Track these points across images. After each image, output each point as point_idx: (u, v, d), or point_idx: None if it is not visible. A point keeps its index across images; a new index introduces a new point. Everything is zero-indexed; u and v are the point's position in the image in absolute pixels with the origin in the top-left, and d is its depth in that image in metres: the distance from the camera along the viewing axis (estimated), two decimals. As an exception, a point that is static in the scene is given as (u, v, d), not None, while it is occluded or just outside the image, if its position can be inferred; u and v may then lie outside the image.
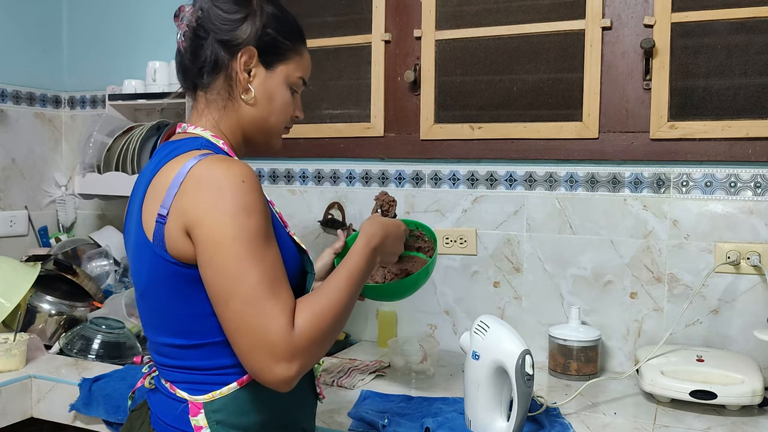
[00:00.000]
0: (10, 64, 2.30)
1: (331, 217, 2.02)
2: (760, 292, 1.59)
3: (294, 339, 0.94)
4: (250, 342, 0.93)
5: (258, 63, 1.10)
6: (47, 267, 1.86)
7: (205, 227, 0.94)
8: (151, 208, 1.00)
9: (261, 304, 0.93)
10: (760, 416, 1.38)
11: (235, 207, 0.94)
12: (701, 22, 1.62)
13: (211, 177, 0.96)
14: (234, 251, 0.93)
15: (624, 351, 1.71)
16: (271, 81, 1.11)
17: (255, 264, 0.94)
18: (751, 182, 1.60)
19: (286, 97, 1.14)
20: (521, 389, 1.15)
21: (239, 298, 0.93)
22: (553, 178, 1.77)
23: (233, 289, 0.93)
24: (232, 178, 0.95)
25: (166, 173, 1.00)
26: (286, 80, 1.13)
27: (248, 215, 0.95)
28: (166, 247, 0.98)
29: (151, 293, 1.04)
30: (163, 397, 1.07)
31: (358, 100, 1.99)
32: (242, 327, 0.94)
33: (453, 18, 1.87)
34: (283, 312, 0.94)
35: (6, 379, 1.53)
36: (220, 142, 1.08)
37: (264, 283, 0.94)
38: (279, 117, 1.14)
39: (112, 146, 2.16)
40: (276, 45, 1.11)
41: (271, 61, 1.11)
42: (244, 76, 1.09)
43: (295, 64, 1.14)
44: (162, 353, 1.07)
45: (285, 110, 1.14)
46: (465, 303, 1.87)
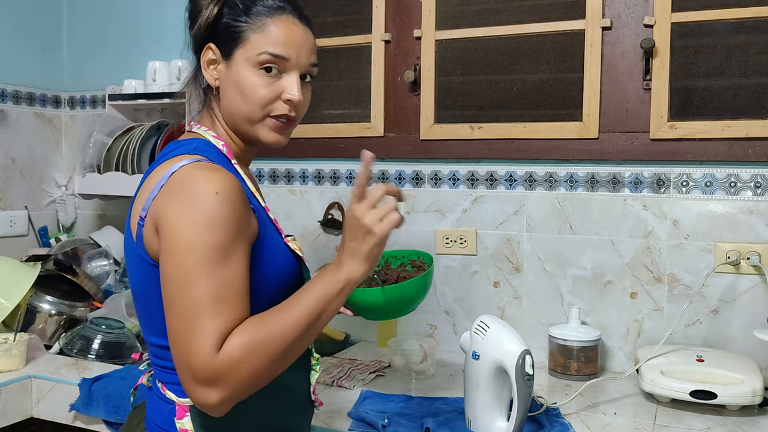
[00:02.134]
0: (10, 64, 2.30)
1: (331, 217, 2.02)
2: (760, 292, 1.59)
3: (213, 364, 0.86)
4: (177, 359, 0.89)
5: (220, 56, 1.04)
6: (47, 267, 1.86)
7: (165, 232, 0.91)
8: (137, 209, 1.00)
9: (194, 321, 0.87)
10: (760, 416, 1.38)
11: (198, 217, 0.90)
12: (701, 22, 1.62)
13: (187, 183, 0.93)
14: (183, 261, 0.89)
15: (624, 351, 1.71)
16: (232, 69, 1.03)
17: (202, 279, 0.88)
18: (751, 182, 1.60)
19: (253, 81, 1.02)
20: (521, 389, 1.15)
21: (177, 312, 0.89)
22: (553, 178, 1.77)
23: (174, 300, 0.89)
24: (206, 188, 0.91)
25: (155, 175, 0.99)
26: (249, 62, 1.02)
27: (210, 228, 0.89)
28: (146, 248, 0.97)
29: (138, 293, 1.04)
30: (155, 396, 1.06)
31: (358, 100, 1.99)
32: (174, 342, 0.90)
33: (453, 18, 1.87)
34: (212, 333, 0.87)
35: (6, 379, 1.53)
36: (220, 143, 1.06)
37: (205, 300, 0.88)
38: (249, 105, 1.03)
39: (112, 146, 2.16)
40: (229, 31, 1.03)
41: (228, 50, 1.03)
42: (209, 75, 1.05)
43: (255, 42, 1.01)
44: (153, 353, 1.06)
45: (255, 96, 1.02)
46: (465, 303, 1.87)
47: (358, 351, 1.86)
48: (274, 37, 1.02)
